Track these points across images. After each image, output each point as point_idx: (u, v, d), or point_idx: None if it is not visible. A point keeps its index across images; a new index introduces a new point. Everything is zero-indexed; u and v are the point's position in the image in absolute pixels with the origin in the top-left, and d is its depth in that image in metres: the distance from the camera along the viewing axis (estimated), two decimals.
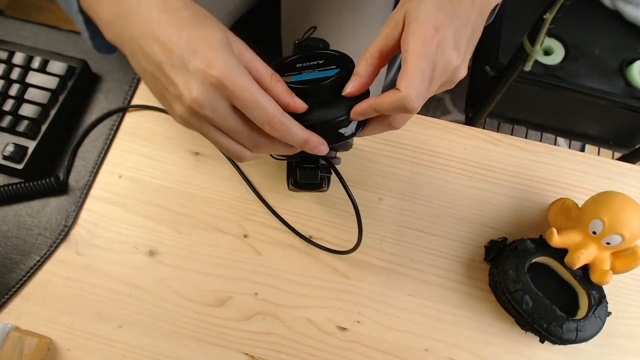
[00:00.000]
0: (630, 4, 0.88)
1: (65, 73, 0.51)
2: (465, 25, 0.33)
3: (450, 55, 0.33)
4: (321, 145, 0.35)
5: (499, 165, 0.51)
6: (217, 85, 0.31)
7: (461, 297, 0.46)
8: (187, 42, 0.31)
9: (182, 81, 0.31)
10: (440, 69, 0.33)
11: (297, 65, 0.37)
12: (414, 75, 0.31)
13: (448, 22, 0.32)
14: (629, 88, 0.85)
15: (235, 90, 0.31)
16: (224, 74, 0.30)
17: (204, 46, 0.31)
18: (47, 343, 0.44)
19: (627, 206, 0.41)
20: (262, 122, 0.33)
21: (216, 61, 0.31)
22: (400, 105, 0.32)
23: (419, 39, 0.31)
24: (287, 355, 0.44)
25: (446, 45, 0.32)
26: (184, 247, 0.47)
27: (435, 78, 0.33)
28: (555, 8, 0.63)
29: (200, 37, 0.31)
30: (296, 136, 0.34)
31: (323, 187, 0.43)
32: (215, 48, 0.31)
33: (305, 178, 0.42)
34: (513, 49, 0.78)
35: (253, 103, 0.31)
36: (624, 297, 0.46)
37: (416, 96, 0.31)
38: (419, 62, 0.31)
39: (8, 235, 0.48)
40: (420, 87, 0.31)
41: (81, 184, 0.49)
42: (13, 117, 0.49)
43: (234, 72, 0.31)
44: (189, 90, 0.31)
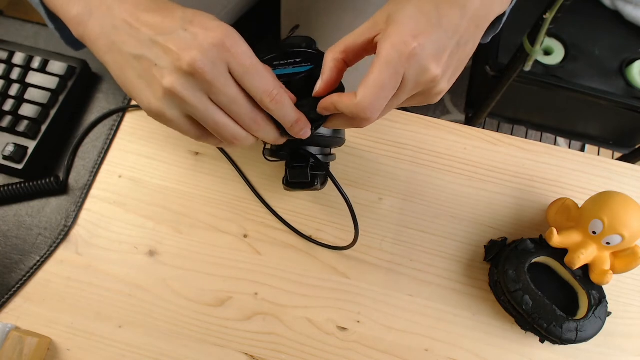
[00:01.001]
0: (630, 4, 0.88)
1: (65, 73, 0.51)
2: (450, 37, 0.31)
3: (426, 65, 0.30)
4: (307, 127, 0.34)
5: (499, 165, 0.51)
6: (219, 47, 0.29)
7: (461, 297, 0.46)
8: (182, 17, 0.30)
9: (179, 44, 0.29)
10: (413, 79, 0.31)
11: (275, 63, 0.37)
12: (373, 85, 0.30)
13: (429, 30, 0.30)
14: (629, 88, 0.85)
15: (237, 54, 0.29)
16: (226, 36, 0.29)
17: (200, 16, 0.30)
18: (47, 343, 0.44)
19: (627, 206, 0.41)
20: (262, 92, 0.31)
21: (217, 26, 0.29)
22: (354, 112, 0.31)
23: (393, 44, 0.29)
24: (287, 355, 0.44)
25: (423, 54, 0.30)
26: (184, 247, 0.47)
27: (406, 87, 0.31)
28: (555, 8, 0.63)
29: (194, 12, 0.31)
30: (290, 113, 0.32)
31: (315, 185, 0.43)
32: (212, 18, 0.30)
33: (295, 177, 0.42)
34: (513, 49, 0.78)
35: (253, 69, 0.30)
36: (624, 297, 0.46)
37: (370, 107, 0.30)
38: (383, 72, 0.30)
39: (8, 235, 0.48)
40: (376, 99, 0.30)
41: (81, 184, 0.49)
42: (13, 117, 0.49)
43: (234, 37, 0.29)
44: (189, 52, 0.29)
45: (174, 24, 0.30)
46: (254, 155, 0.51)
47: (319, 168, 0.42)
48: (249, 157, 0.51)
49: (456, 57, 0.33)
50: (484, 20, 0.33)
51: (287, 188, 0.44)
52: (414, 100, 0.34)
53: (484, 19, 0.33)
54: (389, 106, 0.33)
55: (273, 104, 0.31)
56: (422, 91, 0.33)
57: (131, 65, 0.31)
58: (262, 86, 0.31)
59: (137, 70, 0.31)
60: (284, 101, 0.32)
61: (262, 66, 0.31)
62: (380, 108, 0.31)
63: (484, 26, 0.34)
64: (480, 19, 0.33)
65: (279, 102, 0.32)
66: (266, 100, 0.31)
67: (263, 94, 0.31)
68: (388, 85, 0.30)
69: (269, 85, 0.31)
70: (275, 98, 0.31)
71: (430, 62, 0.30)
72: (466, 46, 0.33)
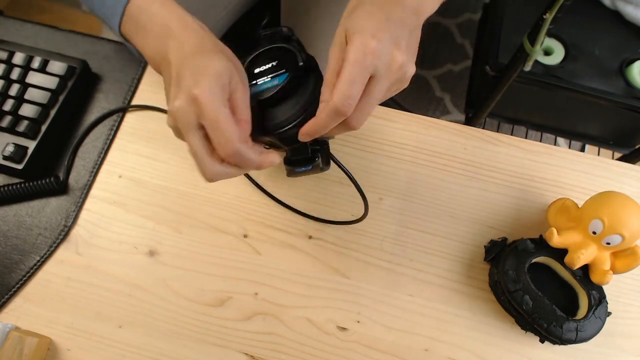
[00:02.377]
0: (630, 4, 0.88)
1: (65, 73, 0.51)
2: (401, 27, 0.36)
3: (392, 53, 0.35)
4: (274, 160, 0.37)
5: (499, 165, 0.51)
6: (193, 101, 0.34)
7: (461, 297, 0.46)
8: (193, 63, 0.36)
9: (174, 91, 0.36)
10: (385, 68, 0.35)
11: (256, 72, 0.40)
12: (344, 82, 0.33)
13: (383, 27, 0.34)
14: (629, 88, 0.85)
15: (204, 108, 0.34)
16: (201, 93, 0.34)
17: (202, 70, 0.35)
18: (47, 343, 0.44)
19: (627, 206, 0.41)
20: (218, 142, 0.35)
21: (201, 82, 0.34)
22: (335, 112, 0.34)
23: (357, 47, 0.33)
24: (287, 355, 0.44)
25: (385, 46, 0.34)
26: (184, 247, 0.47)
27: (383, 77, 0.35)
28: (555, 8, 0.62)
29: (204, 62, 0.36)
30: (251, 163, 0.36)
31: (317, 161, 0.42)
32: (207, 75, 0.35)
33: (296, 153, 0.42)
34: (513, 49, 0.77)
35: (215, 122, 0.34)
36: (624, 297, 0.46)
37: (345, 99, 0.34)
38: (351, 70, 0.33)
39: (8, 235, 0.48)
40: (350, 91, 0.34)
41: (81, 184, 0.49)
42: (13, 117, 0.49)
43: (210, 94, 0.34)
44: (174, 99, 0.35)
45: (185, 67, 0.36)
46: None
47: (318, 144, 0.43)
48: None
49: (412, 45, 0.37)
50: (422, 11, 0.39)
51: (289, 169, 0.43)
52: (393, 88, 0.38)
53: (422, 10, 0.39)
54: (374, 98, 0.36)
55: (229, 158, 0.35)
56: (397, 79, 0.37)
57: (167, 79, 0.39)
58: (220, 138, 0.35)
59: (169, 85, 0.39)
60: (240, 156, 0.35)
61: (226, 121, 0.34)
62: (355, 99, 0.34)
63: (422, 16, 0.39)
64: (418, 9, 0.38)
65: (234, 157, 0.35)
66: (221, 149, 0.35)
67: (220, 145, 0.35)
68: (358, 79, 0.34)
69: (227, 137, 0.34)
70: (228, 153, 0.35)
71: (393, 50, 0.35)
72: (415, 32, 0.38)
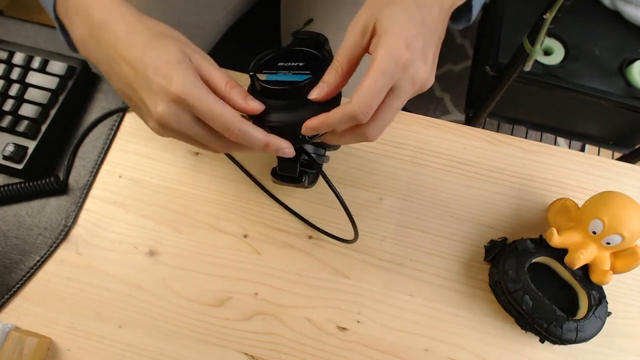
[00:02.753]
0: (630, 4, 0.88)
1: (65, 73, 0.51)
2: (433, 34, 0.34)
3: (418, 68, 0.33)
4: (285, 147, 0.36)
5: (499, 165, 0.51)
6: (177, 101, 0.33)
7: (461, 297, 0.46)
8: (149, 62, 0.33)
9: (149, 100, 0.34)
10: (409, 82, 0.34)
11: (279, 64, 0.38)
12: (368, 90, 0.32)
13: (418, 34, 0.33)
14: (629, 88, 0.85)
15: (194, 103, 0.33)
16: (182, 89, 0.33)
17: (163, 64, 0.33)
18: (47, 343, 0.44)
19: (627, 206, 0.41)
20: (222, 130, 0.34)
21: (174, 78, 0.33)
22: (350, 116, 0.33)
23: (388, 55, 0.32)
24: (287, 355, 0.44)
25: (414, 60, 0.33)
26: (184, 247, 0.47)
27: (405, 91, 0.34)
28: (555, 8, 0.62)
29: (158, 55, 0.34)
30: (256, 140, 0.35)
31: (303, 182, 0.42)
32: (173, 65, 0.33)
33: (284, 170, 0.42)
34: (513, 49, 0.77)
35: (210, 113, 0.33)
36: (624, 297, 0.46)
37: (365, 108, 0.33)
38: (378, 78, 0.32)
39: (8, 235, 0.48)
40: (371, 100, 0.33)
41: (81, 184, 0.49)
42: (13, 117, 0.49)
43: (191, 87, 0.33)
44: (155, 107, 0.34)
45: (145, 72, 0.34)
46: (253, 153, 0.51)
47: (310, 166, 0.43)
48: (247, 154, 0.51)
49: (437, 53, 0.36)
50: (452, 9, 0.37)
51: (275, 180, 0.44)
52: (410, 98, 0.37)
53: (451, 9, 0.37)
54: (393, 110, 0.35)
55: (233, 137, 0.35)
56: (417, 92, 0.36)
57: (125, 96, 0.38)
58: (219, 126, 0.34)
59: (130, 101, 0.38)
60: (244, 133, 0.35)
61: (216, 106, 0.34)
62: (373, 109, 0.33)
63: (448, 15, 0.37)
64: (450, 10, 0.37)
65: (238, 135, 0.34)
66: (226, 135, 0.35)
67: (223, 131, 0.35)
68: (381, 88, 0.33)
69: (226, 123, 0.34)
70: (233, 132, 0.34)
71: (420, 64, 0.33)
72: (442, 37, 0.36)
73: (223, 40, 0.69)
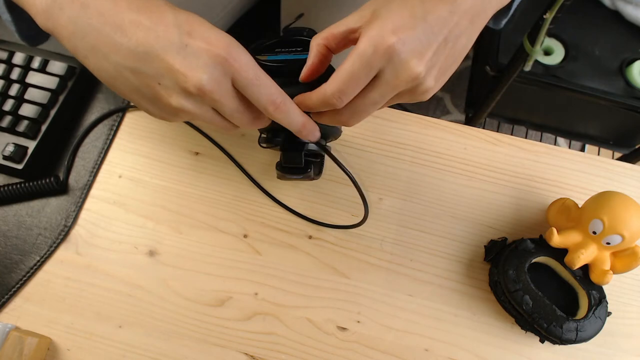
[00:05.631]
0: (630, 4, 0.88)
1: (65, 73, 0.51)
2: (436, 33, 0.30)
3: (406, 61, 0.29)
4: (316, 131, 0.35)
5: (499, 165, 0.51)
6: (223, 63, 0.29)
7: (461, 297, 0.46)
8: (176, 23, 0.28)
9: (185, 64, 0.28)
10: (393, 74, 0.30)
11: (276, 50, 0.38)
12: (342, 74, 0.30)
13: (412, 25, 0.29)
14: (629, 88, 0.85)
15: (241, 67, 0.29)
16: (228, 50, 0.28)
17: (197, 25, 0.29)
18: (47, 343, 0.44)
19: (627, 206, 0.41)
20: (265, 102, 0.31)
21: (217, 39, 0.29)
22: (323, 100, 0.31)
23: (370, 37, 0.29)
24: (287, 355, 0.44)
25: (403, 50, 0.29)
26: (184, 247, 0.47)
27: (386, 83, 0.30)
28: (555, 8, 0.63)
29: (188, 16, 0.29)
30: (296, 119, 0.33)
31: (309, 172, 0.42)
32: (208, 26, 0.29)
33: (289, 161, 0.42)
34: (513, 49, 0.77)
35: (257, 81, 0.30)
36: (624, 297, 0.46)
37: (338, 93, 0.30)
38: (355, 62, 0.29)
39: (8, 235, 0.48)
40: (345, 86, 0.30)
41: (81, 184, 0.49)
42: (13, 117, 0.49)
43: (236, 49, 0.29)
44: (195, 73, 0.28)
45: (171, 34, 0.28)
46: (252, 151, 0.51)
47: (315, 155, 0.42)
48: (248, 154, 0.51)
49: (444, 54, 0.31)
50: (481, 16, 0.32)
51: (280, 174, 0.43)
52: (401, 98, 0.34)
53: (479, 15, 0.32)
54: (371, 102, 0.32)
55: (277, 112, 0.32)
56: (408, 89, 0.32)
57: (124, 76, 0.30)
58: (265, 97, 0.31)
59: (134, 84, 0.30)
60: (288, 109, 0.32)
61: (264, 76, 0.31)
62: (349, 96, 0.31)
63: (480, 22, 0.32)
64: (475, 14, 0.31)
65: (283, 110, 0.32)
66: (270, 109, 0.31)
67: (266, 103, 0.31)
68: (358, 74, 0.30)
69: (272, 94, 0.31)
70: (279, 107, 0.31)
71: (410, 58, 0.29)
72: (457, 42, 0.31)
73: None
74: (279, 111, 0.32)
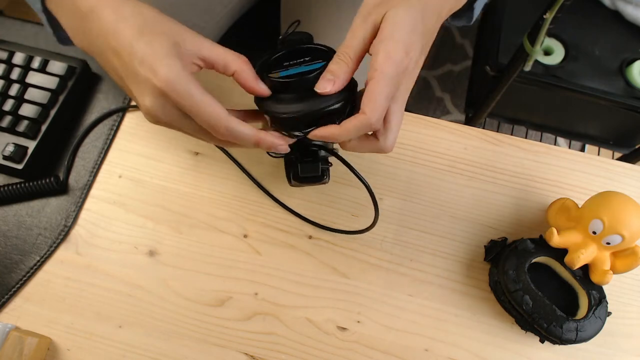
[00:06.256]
0: (630, 4, 0.88)
1: (65, 73, 0.51)
2: (429, 41, 0.36)
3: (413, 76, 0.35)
4: (279, 144, 0.35)
5: (499, 165, 0.51)
6: (162, 95, 0.32)
7: (461, 297, 0.46)
8: (136, 52, 0.32)
9: (136, 91, 0.33)
10: (405, 90, 0.35)
11: (284, 64, 0.38)
12: (380, 98, 0.33)
13: (417, 43, 0.34)
14: (629, 88, 0.85)
15: (177, 98, 0.32)
16: (166, 82, 0.31)
17: (149, 55, 0.32)
18: (47, 343, 0.44)
19: (627, 206, 0.41)
20: (207, 128, 0.33)
21: (159, 70, 0.31)
22: (366, 126, 0.33)
23: (392, 61, 0.32)
24: (287, 355, 0.44)
25: (411, 67, 0.34)
26: (184, 247, 0.47)
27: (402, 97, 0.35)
28: (555, 8, 0.62)
29: (145, 46, 0.32)
30: (245, 138, 0.34)
31: (325, 179, 0.43)
32: (159, 56, 0.32)
33: (306, 172, 0.42)
34: (513, 49, 0.77)
35: (194, 110, 0.32)
36: (624, 297, 0.46)
37: (379, 118, 0.33)
38: (387, 84, 0.33)
39: (8, 235, 0.48)
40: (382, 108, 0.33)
41: (81, 184, 0.49)
42: (13, 117, 0.49)
43: (175, 80, 0.32)
44: (142, 99, 0.33)
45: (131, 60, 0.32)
46: (253, 151, 0.51)
47: (325, 161, 0.43)
48: (248, 154, 0.51)
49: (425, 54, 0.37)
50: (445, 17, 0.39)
51: (296, 183, 0.43)
52: None
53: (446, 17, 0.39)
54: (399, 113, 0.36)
55: (219, 135, 0.34)
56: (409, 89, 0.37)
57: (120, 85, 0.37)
58: (204, 124, 0.33)
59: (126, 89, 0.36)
60: (231, 132, 0.33)
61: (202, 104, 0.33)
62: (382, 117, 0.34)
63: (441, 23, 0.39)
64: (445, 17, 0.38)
65: (223, 134, 0.34)
66: (213, 133, 0.34)
67: (208, 128, 0.33)
68: (389, 96, 0.33)
69: (210, 122, 0.33)
70: (219, 131, 0.33)
71: (415, 69, 0.35)
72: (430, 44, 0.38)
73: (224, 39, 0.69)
74: (220, 135, 0.34)
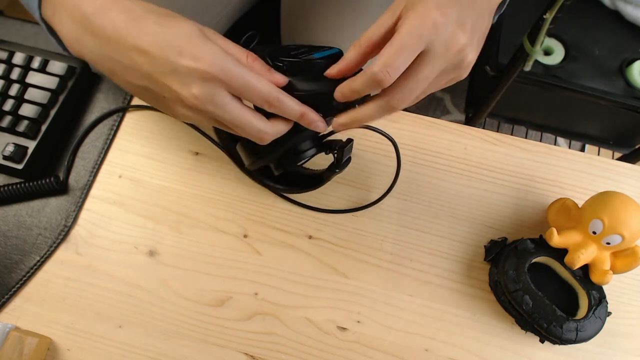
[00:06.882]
0: (630, 4, 0.88)
1: (65, 73, 0.51)
2: (469, 9, 0.32)
3: (454, 32, 0.31)
4: (318, 121, 0.36)
5: (499, 165, 0.51)
6: (211, 79, 0.31)
7: (461, 297, 0.46)
8: (169, 44, 0.31)
9: (178, 85, 0.32)
10: (442, 46, 0.31)
11: (292, 53, 0.38)
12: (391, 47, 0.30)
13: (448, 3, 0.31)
14: (629, 88, 0.85)
15: (228, 79, 0.32)
16: (212, 66, 0.31)
17: (184, 43, 0.31)
18: (47, 343, 0.44)
19: (627, 206, 0.41)
20: (260, 103, 0.34)
21: (203, 55, 0.31)
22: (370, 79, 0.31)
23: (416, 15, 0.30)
24: (287, 355, 0.44)
25: (448, 22, 0.31)
26: (184, 247, 0.47)
27: (438, 56, 0.32)
28: (555, 8, 0.63)
29: (176, 35, 0.31)
30: (293, 110, 0.34)
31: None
32: (195, 42, 0.31)
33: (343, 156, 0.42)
34: (513, 49, 0.77)
35: (247, 87, 0.32)
36: (624, 297, 0.46)
37: (384, 66, 0.30)
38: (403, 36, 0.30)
39: (8, 235, 0.48)
40: (394, 59, 0.30)
41: (81, 184, 0.49)
42: (13, 117, 0.49)
43: (221, 61, 0.31)
44: (188, 91, 0.32)
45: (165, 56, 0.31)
46: None
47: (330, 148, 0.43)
48: None
49: (478, 29, 0.34)
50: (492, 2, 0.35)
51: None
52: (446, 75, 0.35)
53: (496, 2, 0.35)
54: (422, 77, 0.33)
55: (272, 108, 0.34)
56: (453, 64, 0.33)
57: (141, 92, 0.35)
58: (257, 98, 0.33)
59: (149, 97, 0.35)
60: (282, 103, 0.34)
61: (254, 80, 0.33)
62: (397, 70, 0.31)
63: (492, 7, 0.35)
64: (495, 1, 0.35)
65: (277, 106, 0.34)
66: (265, 107, 0.34)
67: (261, 103, 0.34)
68: (408, 47, 0.30)
69: (263, 94, 0.33)
70: (272, 104, 0.34)
71: (456, 29, 0.31)
72: (483, 19, 0.34)
73: None
74: (273, 107, 0.34)
